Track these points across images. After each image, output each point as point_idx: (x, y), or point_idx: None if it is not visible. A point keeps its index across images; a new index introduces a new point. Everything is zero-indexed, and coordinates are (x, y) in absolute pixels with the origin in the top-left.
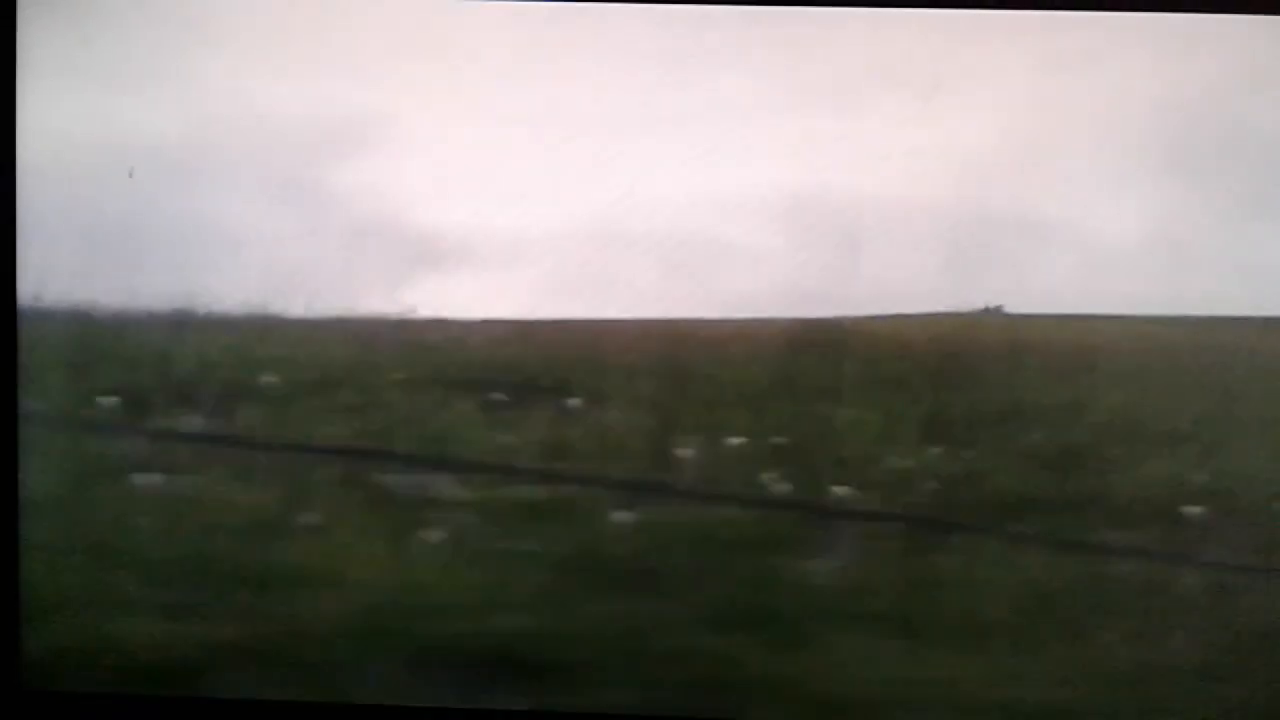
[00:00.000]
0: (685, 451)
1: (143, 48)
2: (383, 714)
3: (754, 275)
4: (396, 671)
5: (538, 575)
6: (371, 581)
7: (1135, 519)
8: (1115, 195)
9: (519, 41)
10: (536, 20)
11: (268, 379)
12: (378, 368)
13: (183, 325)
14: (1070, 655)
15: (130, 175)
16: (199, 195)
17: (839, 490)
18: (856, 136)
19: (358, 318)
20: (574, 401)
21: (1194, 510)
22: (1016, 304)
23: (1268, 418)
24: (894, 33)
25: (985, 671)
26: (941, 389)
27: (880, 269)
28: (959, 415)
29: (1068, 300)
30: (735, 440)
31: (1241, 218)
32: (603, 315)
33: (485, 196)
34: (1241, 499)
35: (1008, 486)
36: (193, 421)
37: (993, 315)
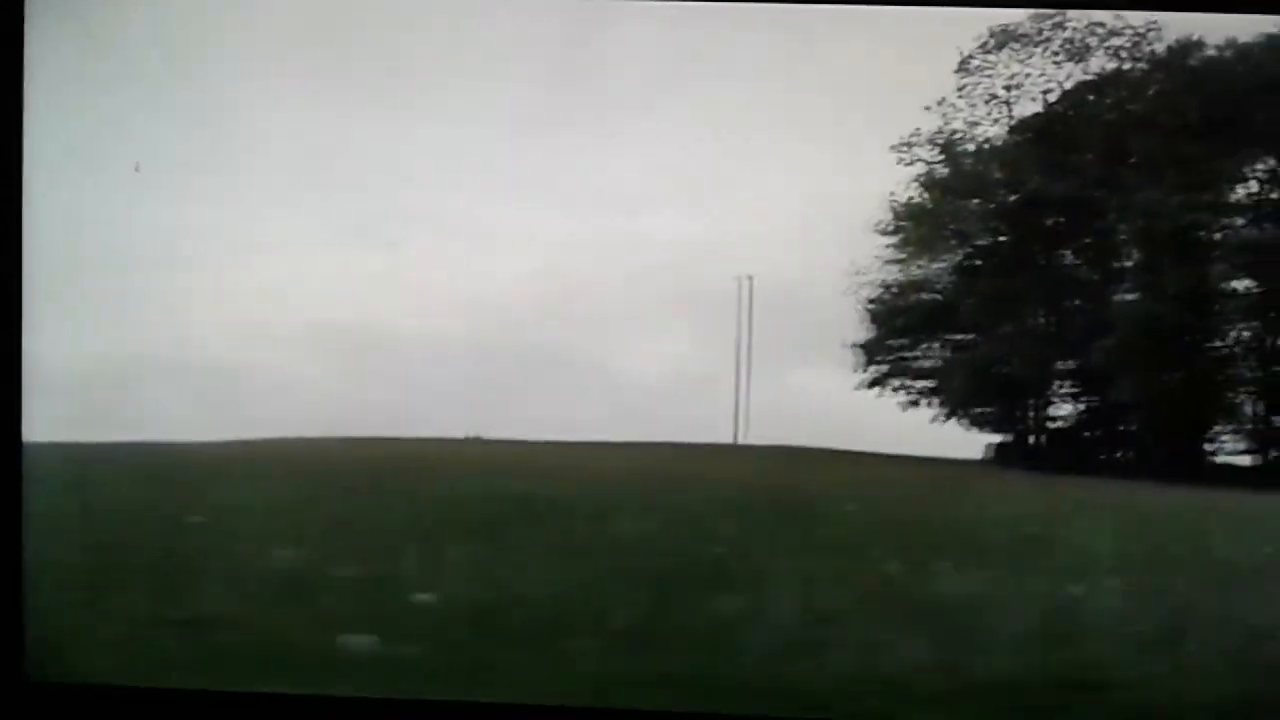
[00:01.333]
0: None
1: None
2: (378, 707)
3: (289, 401)
4: None
5: None
6: None
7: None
8: (633, 335)
9: None
10: None
11: None
12: None
13: None
14: None
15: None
16: None
17: None
18: (395, 273)
19: None
20: None
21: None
22: (522, 432)
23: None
24: (431, 179)
25: None
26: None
27: (398, 395)
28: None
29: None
30: None
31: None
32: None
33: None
34: None
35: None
36: None
37: (472, 442)
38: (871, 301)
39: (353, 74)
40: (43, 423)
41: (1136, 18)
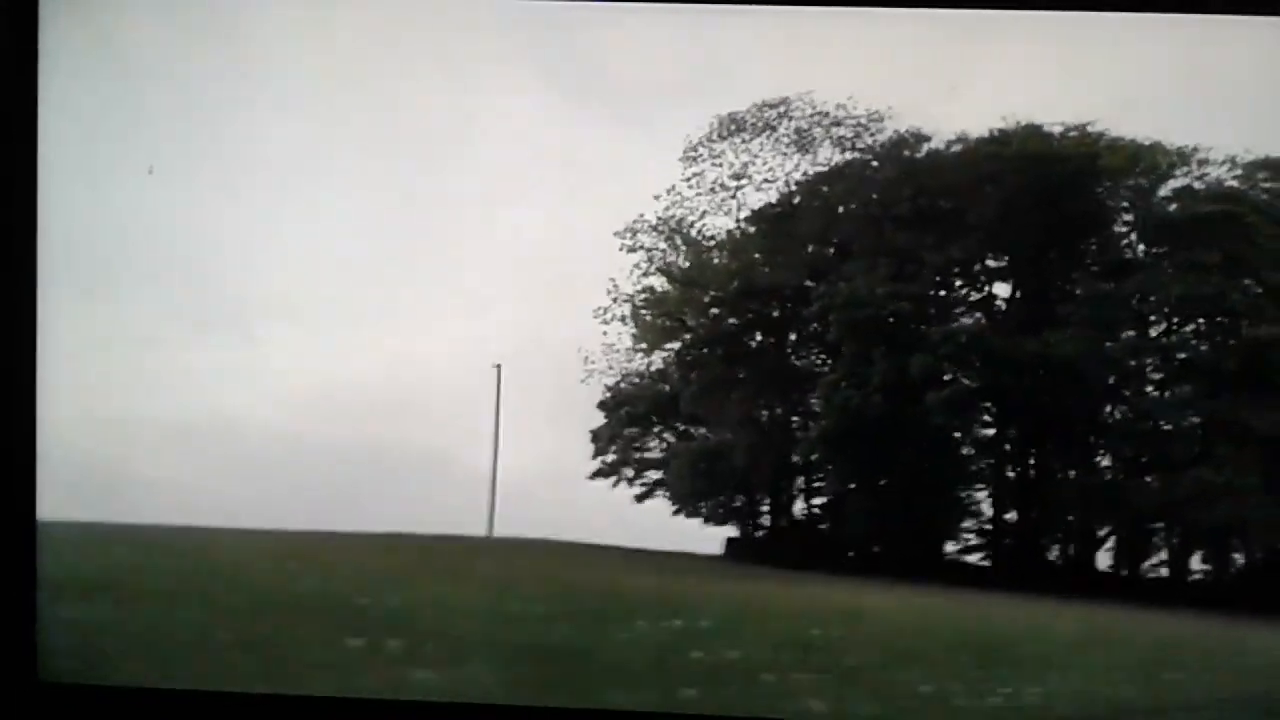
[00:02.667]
0: None
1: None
2: (378, 707)
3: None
4: None
5: None
6: None
7: None
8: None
9: None
10: None
11: None
12: None
13: None
14: None
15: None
16: None
17: None
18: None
19: None
20: None
21: None
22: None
23: None
24: (303, 269)
25: None
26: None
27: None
28: None
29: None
30: None
31: None
32: None
33: None
34: None
35: None
36: None
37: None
38: (608, 389)
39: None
40: None
41: (861, 108)
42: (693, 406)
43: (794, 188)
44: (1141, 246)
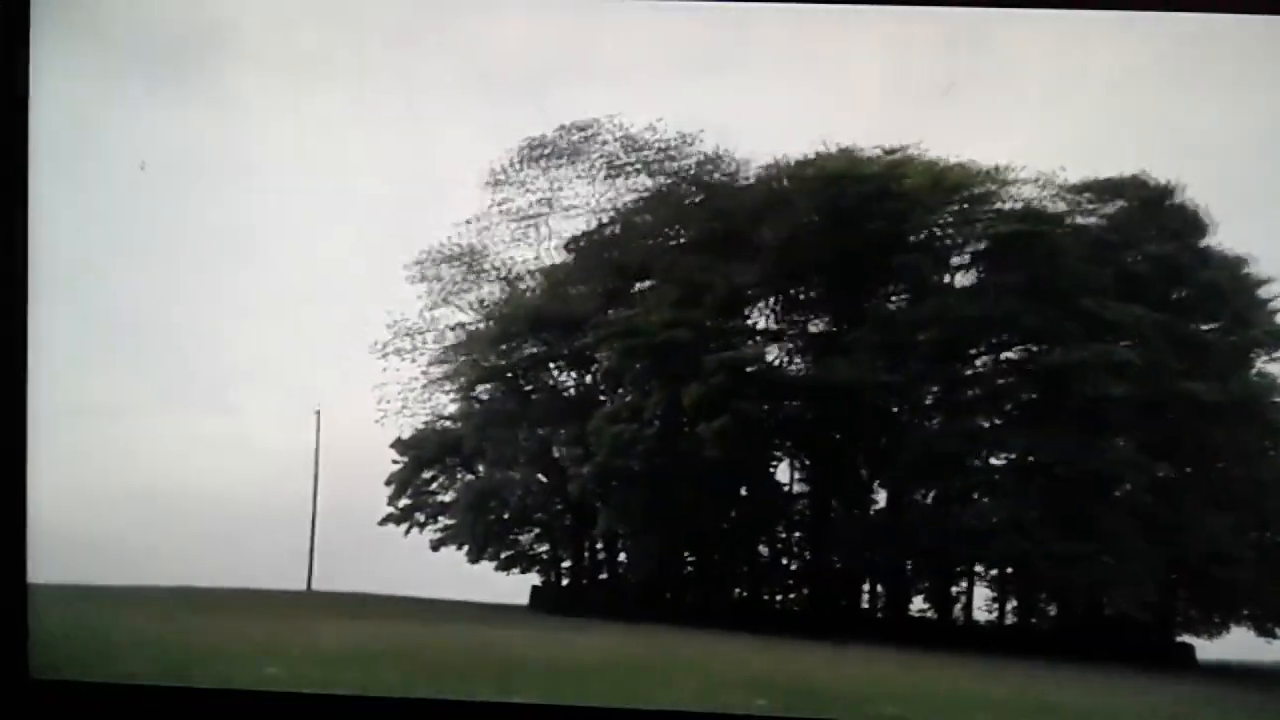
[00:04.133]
0: None
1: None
2: (378, 706)
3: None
4: None
5: None
6: None
7: None
8: None
9: None
10: None
11: None
12: None
13: None
14: None
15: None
16: None
17: None
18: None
19: None
20: None
21: None
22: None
23: None
24: (267, 336)
25: None
26: None
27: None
28: None
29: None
30: None
31: None
32: None
33: None
34: None
35: None
36: None
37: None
38: (419, 430)
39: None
40: None
41: (671, 130)
42: (476, 445)
43: (599, 214)
44: (942, 269)
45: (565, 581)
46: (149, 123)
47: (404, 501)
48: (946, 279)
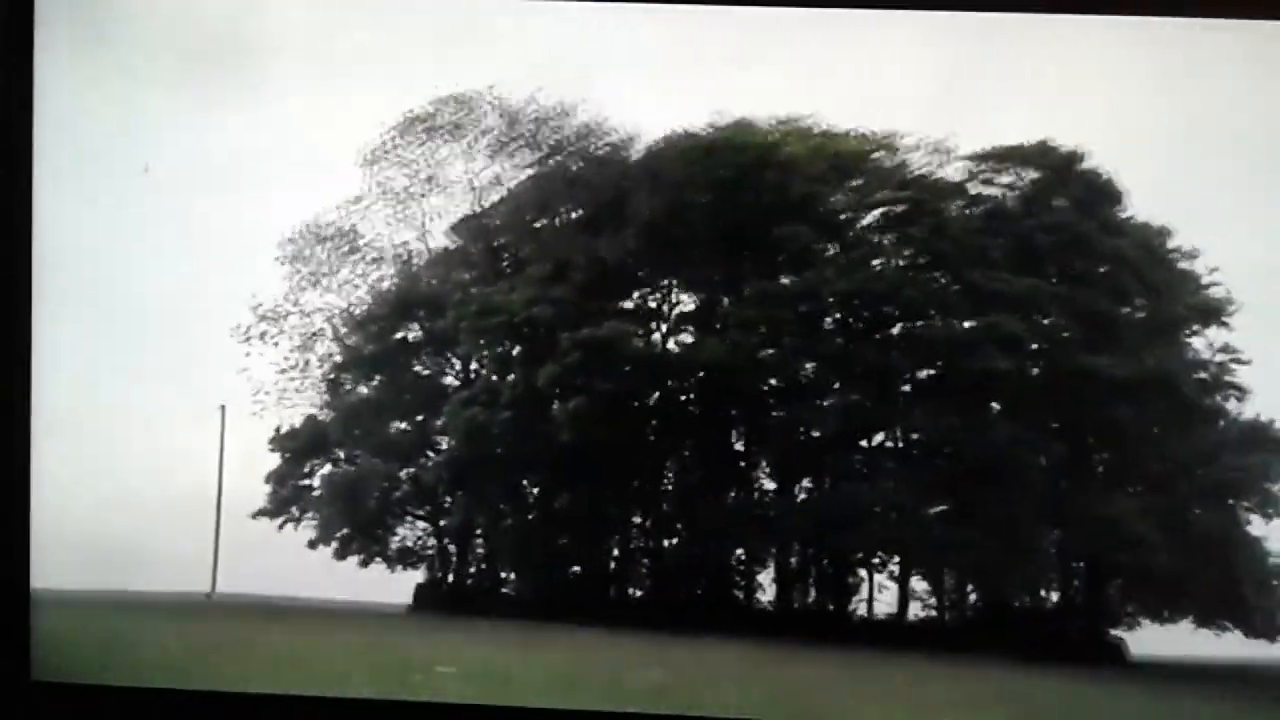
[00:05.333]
0: None
1: None
2: (378, 706)
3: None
4: None
5: None
6: None
7: None
8: None
9: None
10: None
11: None
12: None
13: None
14: None
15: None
16: None
17: None
18: None
19: None
20: None
21: None
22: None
23: None
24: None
25: None
26: None
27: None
28: None
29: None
30: None
31: None
32: None
33: None
34: None
35: None
36: None
37: None
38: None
39: None
40: None
41: (551, 100)
42: (339, 435)
43: (481, 191)
44: (825, 242)
45: (449, 579)
46: None
47: (278, 496)
48: (830, 252)
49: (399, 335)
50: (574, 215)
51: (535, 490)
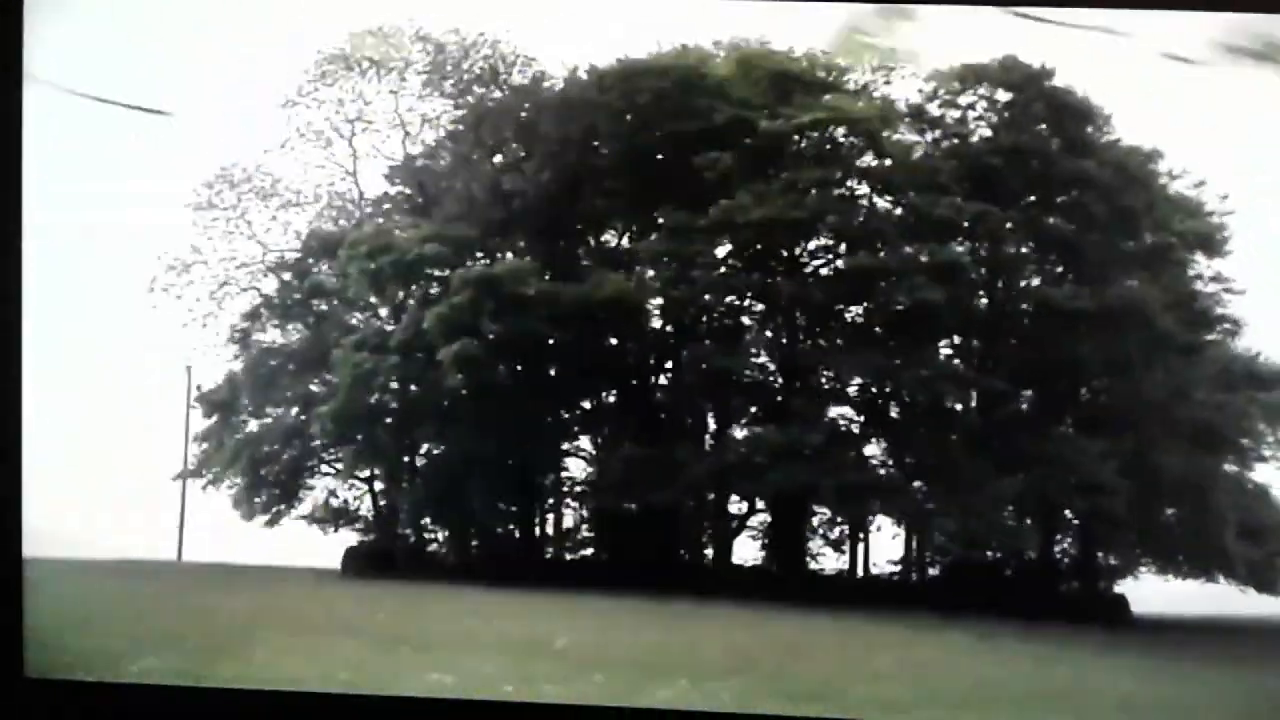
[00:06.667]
0: None
1: None
2: (378, 706)
3: None
4: None
5: None
6: None
7: None
8: None
9: None
10: None
11: None
12: None
13: None
14: None
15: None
16: None
17: None
18: None
19: None
20: None
21: None
22: None
23: None
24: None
25: None
26: None
27: None
28: None
29: None
30: None
31: None
32: None
33: None
34: None
35: None
36: None
37: None
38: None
39: None
40: None
41: (471, 31)
42: (247, 394)
43: (404, 128)
44: (750, 170)
45: (373, 539)
46: None
47: (198, 455)
48: (761, 184)
49: (312, 281)
50: (487, 147)
51: (422, 440)
